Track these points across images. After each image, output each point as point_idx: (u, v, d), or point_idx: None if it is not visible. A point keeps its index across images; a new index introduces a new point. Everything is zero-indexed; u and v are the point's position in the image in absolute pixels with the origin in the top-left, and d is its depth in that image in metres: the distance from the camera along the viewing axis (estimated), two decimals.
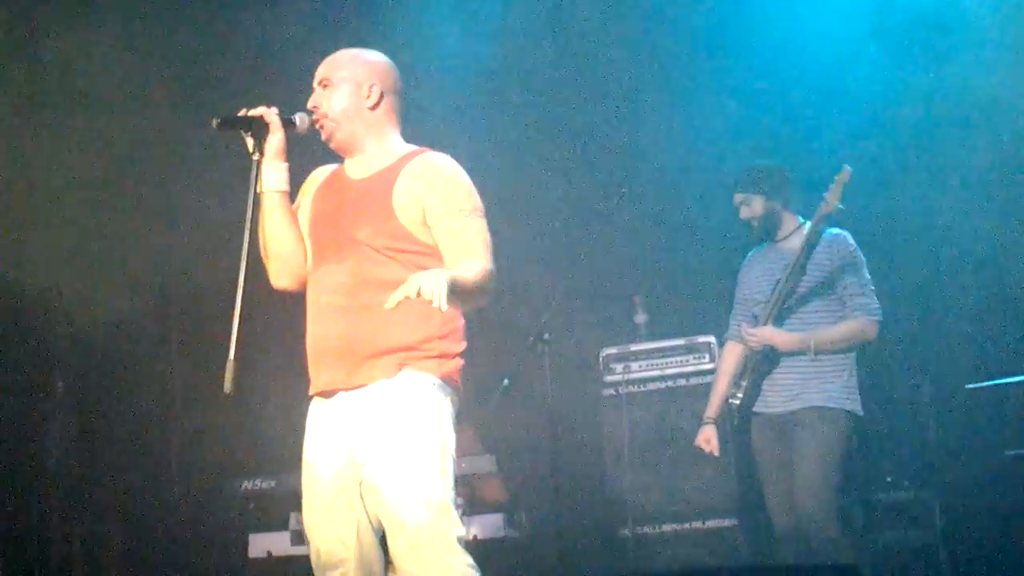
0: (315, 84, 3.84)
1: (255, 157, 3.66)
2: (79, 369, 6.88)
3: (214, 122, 3.63)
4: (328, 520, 3.66)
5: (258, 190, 3.67)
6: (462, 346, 3.75)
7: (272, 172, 3.71)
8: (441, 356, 3.66)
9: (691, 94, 6.98)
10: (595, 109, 7.28)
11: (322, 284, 3.74)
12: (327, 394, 3.72)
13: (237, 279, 3.46)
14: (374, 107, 3.80)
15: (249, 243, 3.55)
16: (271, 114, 3.70)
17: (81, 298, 6.43)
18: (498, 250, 3.69)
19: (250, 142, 3.68)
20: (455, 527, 3.55)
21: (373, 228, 3.67)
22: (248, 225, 3.55)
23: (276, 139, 3.70)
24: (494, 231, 3.71)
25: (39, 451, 6.63)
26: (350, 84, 3.79)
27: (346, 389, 3.66)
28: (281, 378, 6.67)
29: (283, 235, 3.77)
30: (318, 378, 3.74)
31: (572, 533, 6.00)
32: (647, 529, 6.36)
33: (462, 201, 3.68)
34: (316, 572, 3.72)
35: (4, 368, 6.40)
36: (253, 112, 3.71)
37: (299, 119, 3.76)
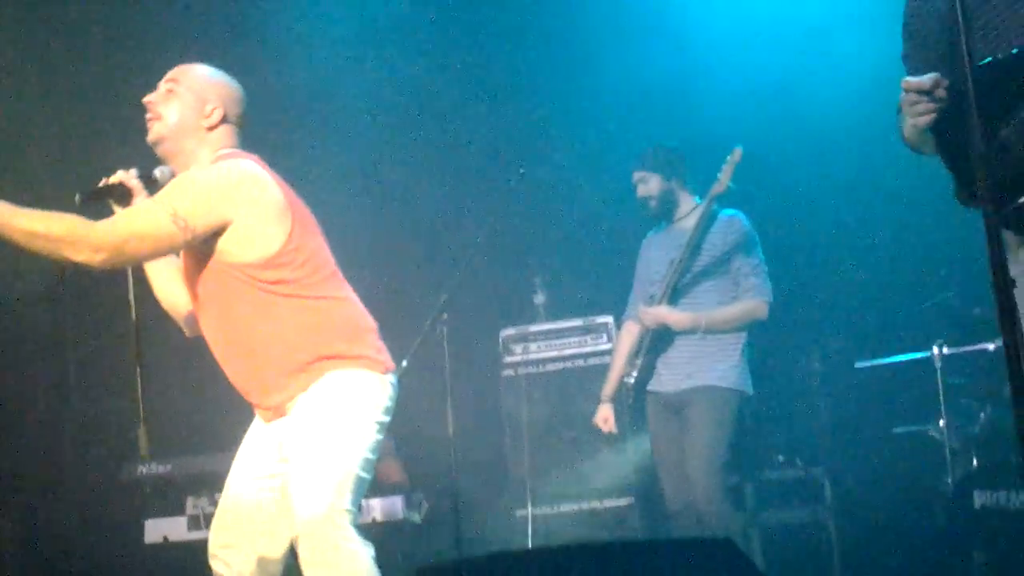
0: (161, 81, 3.73)
1: None
2: None
3: (77, 198, 3.59)
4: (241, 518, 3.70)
5: None
6: (358, 341, 3.67)
7: None
8: (338, 357, 3.58)
9: (592, 74, 7.02)
10: (493, 88, 7.28)
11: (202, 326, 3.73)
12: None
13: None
14: (211, 128, 3.68)
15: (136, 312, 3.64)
16: (130, 178, 3.68)
17: None
18: (400, 231, 3.68)
19: (118, 210, 3.64)
20: (341, 532, 3.44)
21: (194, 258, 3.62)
22: (131, 294, 3.63)
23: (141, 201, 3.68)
24: (391, 211, 3.70)
25: None
26: (194, 97, 3.68)
27: (263, 409, 3.69)
28: (178, 361, 6.60)
29: (167, 292, 3.78)
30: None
31: (471, 514, 6.01)
32: (546, 509, 6.40)
33: (167, 190, 3.53)
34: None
35: None
36: (113, 179, 3.69)
37: (159, 173, 3.71)
